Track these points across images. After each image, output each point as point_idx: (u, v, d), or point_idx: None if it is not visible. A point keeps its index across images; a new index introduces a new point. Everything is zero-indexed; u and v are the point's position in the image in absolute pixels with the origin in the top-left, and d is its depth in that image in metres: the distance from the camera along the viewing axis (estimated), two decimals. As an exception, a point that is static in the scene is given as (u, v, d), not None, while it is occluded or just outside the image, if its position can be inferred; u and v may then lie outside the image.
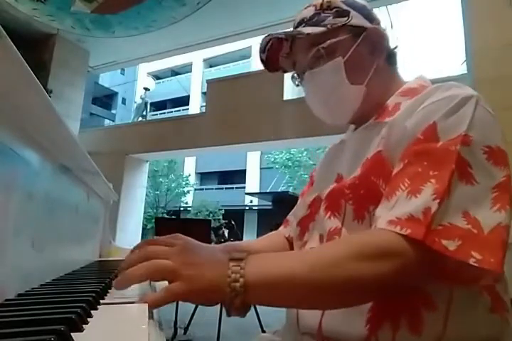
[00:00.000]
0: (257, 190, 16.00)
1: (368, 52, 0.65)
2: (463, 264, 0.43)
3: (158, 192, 15.52)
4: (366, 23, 0.65)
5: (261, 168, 17.12)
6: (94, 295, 0.46)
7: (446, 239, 0.43)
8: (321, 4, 0.66)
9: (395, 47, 0.69)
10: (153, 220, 10.61)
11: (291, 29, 0.68)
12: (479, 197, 0.46)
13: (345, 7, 0.65)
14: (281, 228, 0.84)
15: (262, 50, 0.70)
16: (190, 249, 0.46)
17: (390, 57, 0.68)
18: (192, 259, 0.44)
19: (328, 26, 0.63)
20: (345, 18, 0.64)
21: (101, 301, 0.47)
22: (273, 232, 0.86)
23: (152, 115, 15.95)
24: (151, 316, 0.41)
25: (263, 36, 0.68)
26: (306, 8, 0.69)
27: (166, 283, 0.44)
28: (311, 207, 0.69)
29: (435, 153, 0.49)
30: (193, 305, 2.62)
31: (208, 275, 0.42)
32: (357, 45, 0.64)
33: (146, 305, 0.42)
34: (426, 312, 0.49)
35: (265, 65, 0.73)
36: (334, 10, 0.65)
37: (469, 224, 0.44)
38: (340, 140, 0.73)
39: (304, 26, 0.66)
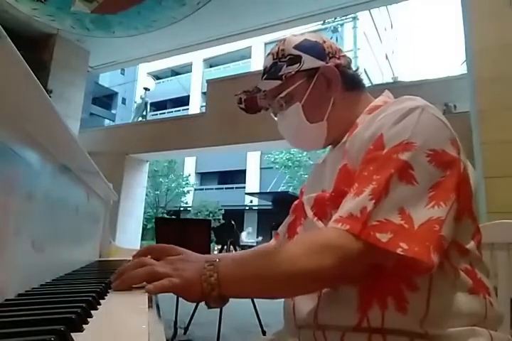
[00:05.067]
0: (257, 190, 15.99)
1: (325, 89, 0.72)
2: (396, 256, 0.49)
3: (158, 192, 15.48)
4: (318, 63, 0.71)
5: (261, 168, 17.09)
6: (94, 295, 0.46)
7: (380, 232, 0.50)
8: (277, 53, 0.74)
9: (356, 70, 0.75)
10: (153, 220, 10.59)
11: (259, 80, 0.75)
12: (417, 196, 0.53)
13: (296, 52, 0.71)
14: (272, 240, 0.91)
15: (239, 103, 0.80)
16: (177, 260, 0.57)
17: (350, 82, 0.73)
18: (179, 266, 0.54)
19: (283, 77, 0.70)
20: (297, 65, 0.70)
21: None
22: (262, 244, 0.96)
23: (152, 115, 15.92)
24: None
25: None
26: (267, 56, 0.76)
27: None
28: (295, 212, 0.76)
29: (380, 160, 0.56)
30: (193, 305, 2.63)
31: (191, 275, 0.52)
32: (312, 86, 0.71)
33: (146, 305, 0.43)
34: (409, 292, 0.55)
35: (246, 112, 0.82)
36: (288, 57, 0.72)
37: (403, 220, 0.51)
38: (322, 159, 0.78)
39: (265, 76, 0.74)
